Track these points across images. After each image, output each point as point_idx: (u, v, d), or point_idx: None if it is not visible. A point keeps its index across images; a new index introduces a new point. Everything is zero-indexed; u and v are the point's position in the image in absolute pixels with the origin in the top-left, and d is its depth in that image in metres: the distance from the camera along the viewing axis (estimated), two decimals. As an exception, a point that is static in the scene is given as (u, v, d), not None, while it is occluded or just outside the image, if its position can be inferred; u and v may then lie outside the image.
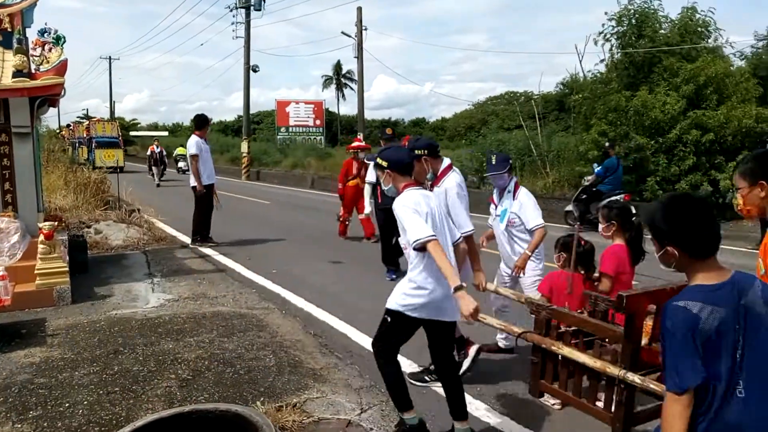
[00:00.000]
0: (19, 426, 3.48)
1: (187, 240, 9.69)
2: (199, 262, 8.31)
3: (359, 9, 21.73)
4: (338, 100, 56.08)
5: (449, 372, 3.36)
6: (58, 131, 39.14)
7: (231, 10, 28.03)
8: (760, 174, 2.35)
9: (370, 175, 7.26)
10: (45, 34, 6.40)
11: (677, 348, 1.78)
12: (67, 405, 3.75)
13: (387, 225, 7.16)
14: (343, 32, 22.22)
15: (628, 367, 2.77)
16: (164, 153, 23.98)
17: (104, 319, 5.58)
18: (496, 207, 4.64)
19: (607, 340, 3.05)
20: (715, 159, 12.08)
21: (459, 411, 3.28)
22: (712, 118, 11.86)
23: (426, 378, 4.17)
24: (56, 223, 6.69)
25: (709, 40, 13.68)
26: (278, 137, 35.59)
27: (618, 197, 10.86)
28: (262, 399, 3.79)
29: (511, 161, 4.70)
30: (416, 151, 3.97)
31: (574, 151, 14.51)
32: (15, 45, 6.32)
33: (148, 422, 2.26)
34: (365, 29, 21.87)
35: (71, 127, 37.51)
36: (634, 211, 4.37)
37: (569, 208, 11.81)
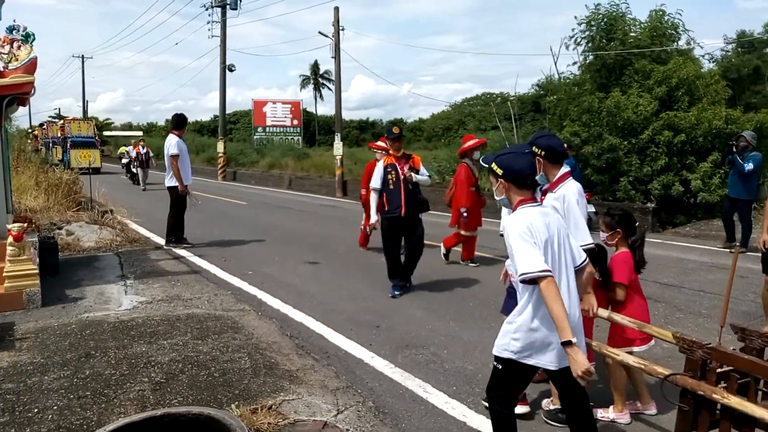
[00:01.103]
0: (-14, 432, 3.40)
1: (161, 241, 9.57)
2: (173, 263, 8.21)
3: (336, 9, 21.64)
4: (316, 100, 55.88)
5: (584, 427, 2.82)
6: (30, 131, 38.11)
7: (206, 9, 27.79)
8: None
9: (375, 181, 6.62)
10: (14, 32, 6.25)
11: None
12: (36, 410, 3.67)
13: (393, 235, 6.60)
14: (320, 32, 22.12)
15: None
16: (150, 154, 22.02)
17: (75, 322, 5.47)
18: None
19: None
20: (687, 159, 12.31)
21: None
22: (684, 119, 12.08)
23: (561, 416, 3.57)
24: (26, 224, 6.55)
25: (680, 42, 13.94)
26: (255, 137, 35.35)
27: None
28: (237, 402, 3.76)
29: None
30: (534, 148, 3.46)
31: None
32: (-18, 42, 6.17)
33: (119, 426, 2.22)
34: (342, 29, 21.79)
35: (44, 127, 36.30)
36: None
37: None
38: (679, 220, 12.23)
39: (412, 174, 6.43)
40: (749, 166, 8.81)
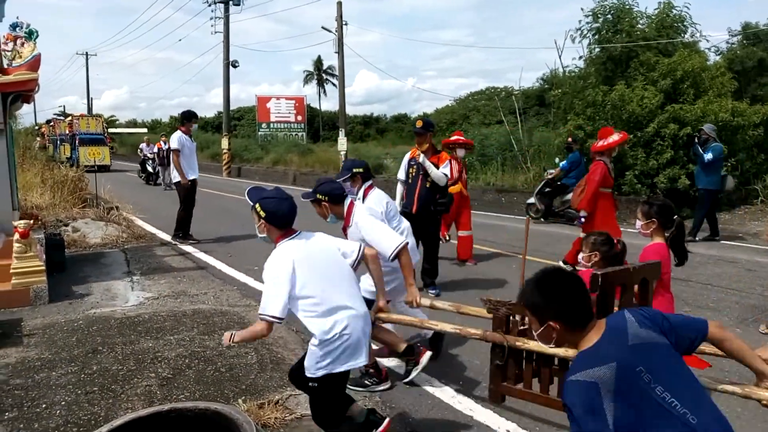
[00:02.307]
0: (-5, 428, 3.42)
1: (167, 237, 9.59)
2: (179, 259, 8.22)
3: (339, 4, 21.61)
4: (320, 95, 55.89)
5: None
6: (37, 128, 37.80)
7: (209, 5, 27.75)
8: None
9: (400, 172, 6.48)
10: (17, 29, 6.27)
11: (582, 420, 1.75)
12: (44, 406, 3.69)
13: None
14: (323, 27, 22.09)
15: None
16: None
17: (82, 318, 5.49)
18: None
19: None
20: (692, 152, 12.24)
21: None
22: (690, 112, 11.99)
23: (366, 382, 4.01)
24: (32, 221, 6.57)
25: (686, 35, 13.85)
26: (259, 133, 35.33)
27: None
28: (243, 397, 3.77)
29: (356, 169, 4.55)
30: (318, 196, 3.85)
31: (553, 146, 14.65)
32: (-14, 40, 6.19)
33: (126, 422, 2.23)
34: (346, 24, 21.76)
35: (52, 124, 35.35)
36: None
37: (531, 200, 12.03)
38: (685, 213, 12.15)
39: (427, 163, 6.13)
40: (708, 156, 9.28)
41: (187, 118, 9.52)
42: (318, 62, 54.78)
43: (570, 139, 11.97)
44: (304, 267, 2.94)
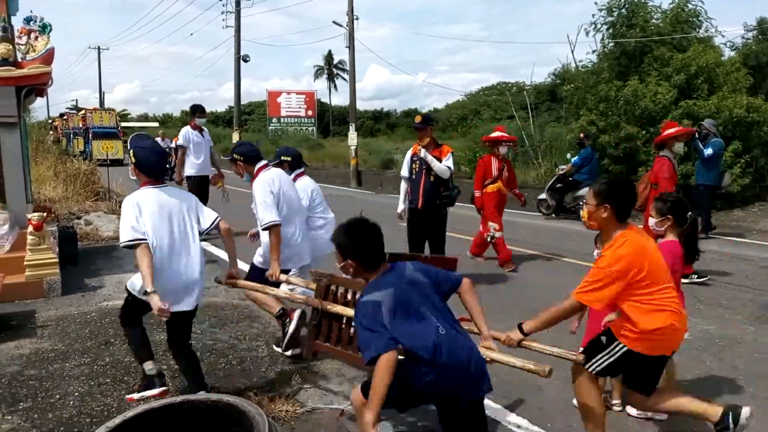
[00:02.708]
0: (10, 417, 3.45)
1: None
2: (190, 253, 8.25)
3: (350, -2, 21.55)
4: (330, 90, 55.89)
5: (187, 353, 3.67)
6: (50, 121, 37.89)
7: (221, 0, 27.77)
8: (606, 197, 2.89)
9: (403, 169, 6.52)
10: (31, 22, 6.31)
11: (365, 329, 2.44)
12: (57, 396, 3.72)
13: (412, 227, 6.44)
14: (334, 22, 22.04)
15: None
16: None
17: (95, 310, 5.54)
18: None
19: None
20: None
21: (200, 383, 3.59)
22: (704, 107, 11.89)
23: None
24: (45, 214, 6.63)
25: (700, 30, 13.70)
26: (270, 128, 35.45)
27: None
28: (255, 389, 3.79)
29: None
30: (234, 155, 4.54)
31: (565, 141, 14.57)
32: (0, 33, 6.22)
33: (139, 413, 2.24)
34: (357, 19, 21.70)
35: (65, 117, 35.29)
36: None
37: (543, 196, 11.96)
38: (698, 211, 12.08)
39: (429, 157, 6.12)
40: (708, 151, 9.19)
41: (192, 111, 9.28)
42: (329, 57, 54.78)
43: (582, 135, 11.90)
44: (148, 213, 3.37)
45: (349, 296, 3.46)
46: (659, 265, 2.90)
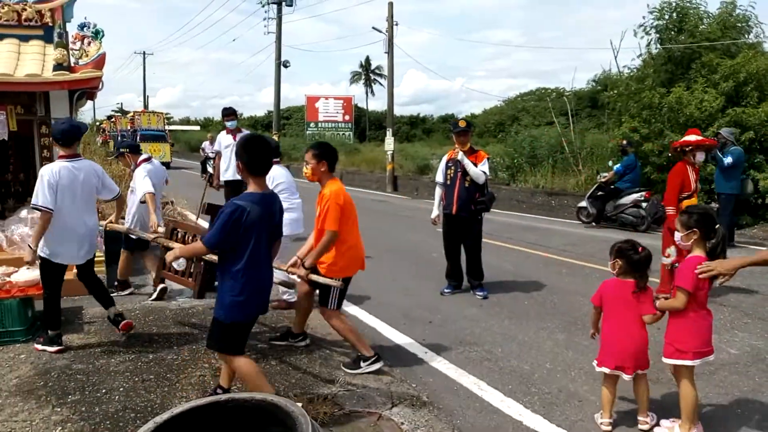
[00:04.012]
0: (59, 410, 3.57)
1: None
2: (230, 254, 8.38)
3: (390, 4, 21.64)
4: (367, 95, 56.14)
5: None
6: (98, 123, 38.81)
7: (263, 6, 28.24)
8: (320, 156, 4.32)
9: (438, 175, 6.52)
10: (84, 29, 6.52)
11: (222, 223, 3.12)
12: (104, 391, 3.83)
13: (447, 234, 6.46)
14: (374, 27, 22.15)
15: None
16: None
17: (139, 308, 5.68)
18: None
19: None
20: (755, 158, 11.71)
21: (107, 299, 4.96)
22: (753, 115, 11.50)
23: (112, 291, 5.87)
24: (93, 213, 6.82)
25: (750, 35, 13.28)
26: (307, 132, 35.77)
27: (639, 194, 10.76)
28: (294, 390, 3.83)
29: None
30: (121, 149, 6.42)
31: (607, 148, 14.29)
32: (56, 39, 6.46)
33: (185, 410, 2.28)
34: (396, 24, 21.79)
35: (113, 120, 35.09)
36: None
37: (583, 204, 11.74)
38: (745, 221, 11.67)
39: (465, 160, 6.11)
40: (728, 160, 8.97)
41: (223, 114, 8.80)
42: (366, 62, 55.06)
43: (624, 142, 11.66)
44: (62, 182, 4.41)
45: (189, 239, 4.49)
46: None
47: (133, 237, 5.78)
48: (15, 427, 3.36)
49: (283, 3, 27.58)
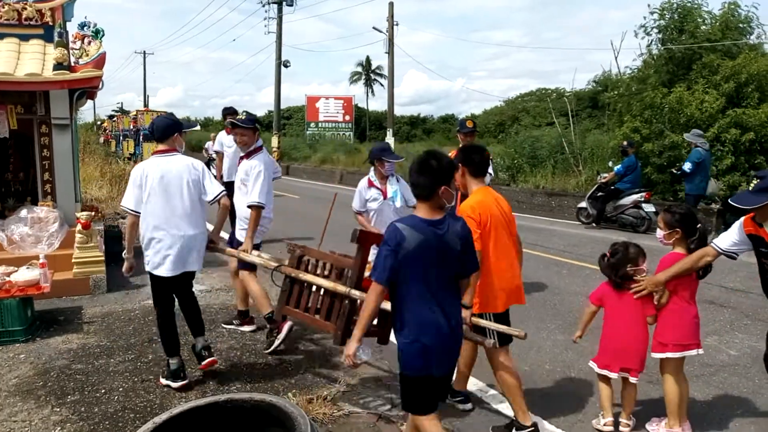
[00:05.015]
0: (58, 409, 3.57)
1: (222, 233, 9.71)
2: (230, 254, 8.39)
3: (391, 4, 21.68)
4: (367, 95, 56.06)
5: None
6: (99, 123, 38.37)
7: (263, 6, 28.29)
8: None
9: None
10: (85, 28, 6.53)
11: (383, 253, 2.54)
12: (103, 391, 3.83)
13: None
14: (374, 27, 22.21)
15: (353, 287, 3.35)
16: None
17: (139, 308, 5.68)
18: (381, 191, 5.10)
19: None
20: (756, 159, 11.72)
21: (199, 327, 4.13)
22: (753, 116, 11.49)
23: (233, 322, 5.10)
24: (93, 213, 6.83)
25: (752, 37, 13.27)
26: (307, 132, 35.75)
27: (639, 195, 10.76)
28: (293, 391, 3.82)
29: None
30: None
31: (607, 149, 14.28)
32: (56, 38, 6.47)
33: (185, 410, 2.28)
34: (397, 24, 21.83)
35: (115, 119, 34.48)
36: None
37: (582, 204, 11.74)
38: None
39: None
40: (687, 166, 9.57)
41: (223, 116, 8.61)
42: (367, 62, 55.01)
43: (625, 143, 11.65)
44: (151, 180, 3.78)
45: (320, 269, 3.73)
46: None
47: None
48: (14, 427, 3.36)
49: (284, 3, 27.64)
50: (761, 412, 3.75)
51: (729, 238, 3.32)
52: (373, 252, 3.38)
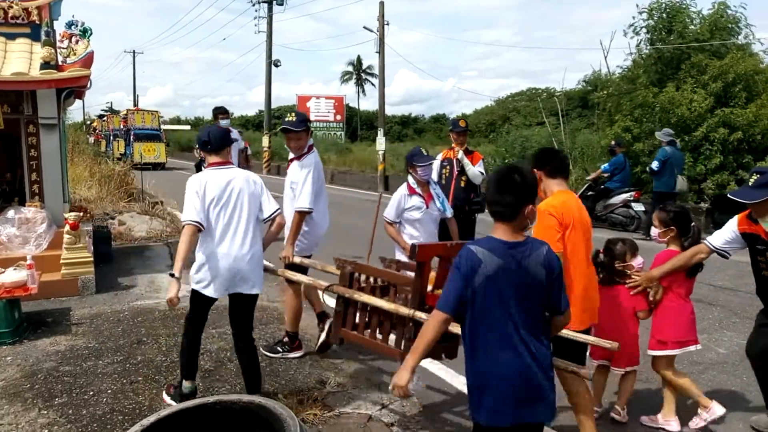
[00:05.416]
0: (45, 412, 3.53)
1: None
2: (220, 254, 8.35)
3: (381, 3, 21.62)
4: (358, 95, 56.04)
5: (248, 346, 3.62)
6: (88, 122, 37.92)
7: (253, 5, 28.16)
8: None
9: (434, 174, 6.52)
10: (72, 27, 6.48)
11: (454, 279, 2.20)
12: (91, 393, 3.79)
13: (445, 232, 6.49)
14: (365, 27, 22.13)
15: (416, 308, 3.01)
16: (249, 151, 13.36)
17: (128, 309, 5.64)
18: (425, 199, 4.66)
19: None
20: (743, 158, 11.83)
21: (255, 385, 3.59)
22: (741, 116, 11.60)
23: (278, 349, 4.52)
24: (81, 213, 6.77)
25: (740, 37, 13.38)
26: (299, 132, 35.59)
27: (628, 194, 10.83)
28: (283, 391, 3.81)
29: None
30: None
31: (597, 148, 14.36)
32: (43, 37, 6.40)
33: (173, 412, 2.26)
34: (387, 24, 21.77)
35: (105, 119, 34.16)
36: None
37: None
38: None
39: (465, 159, 6.10)
40: (654, 165, 9.87)
41: (214, 115, 9.02)
42: (358, 62, 54.98)
43: (613, 142, 11.73)
44: (210, 194, 3.44)
45: (374, 284, 3.49)
46: None
47: (297, 263, 4.37)
48: (0, 431, 3.32)
49: (274, 2, 27.53)
50: (750, 409, 3.78)
51: (722, 236, 3.40)
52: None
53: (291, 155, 4.55)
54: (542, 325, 2.28)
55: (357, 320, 3.45)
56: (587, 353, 3.37)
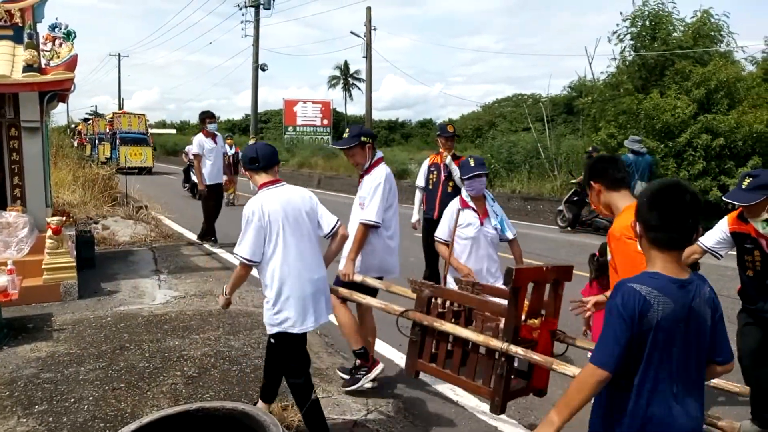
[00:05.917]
0: (25, 420, 3.47)
1: (194, 237, 9.67)
2: (205, 259, 8.31)
3: (368, 9, 21.75)
4: (346, 100, 56.03)
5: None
6: (73, 126, 37.46)
7: (240, 9, 28.14)
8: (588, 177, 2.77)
9: (419, 179, 6.38)
10: (56, 29, 6.40)
11: (614, 326, 1.79)
12: (72, 400, 3.74)
13: (427, 238, 6.18)
14: (352, 32, 22.24)
15: (510, 341, 2.73)
16: (240, 156, 12.00)
17: (111, 314, 5.57)
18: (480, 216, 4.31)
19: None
20: (725, 164, 11.99)
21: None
22: (723, 122, 11.77)
23: (358, 377, 3.99)
24: (64, 218, 6.69)
25: (722, 45, 13.59)
26: (285, 136, 35.56)
27: None
28: (268, 398, 3.77)
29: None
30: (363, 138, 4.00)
31: (582, 154, 14.51)
32: (26, 40, 6.34)
33: (155, 419, 2.24)
34: (374, 29, 21.87)
35: (90, 122, 33.44)
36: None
37: (560, 208, 12.00)
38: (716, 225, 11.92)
39: (453, 165, 6.06)
40: None
41: (201, 119, 9.25)
42: (345, 66, 55.02)
43: (590, 148, 11.96)
44: (275, 219, 3.12)
45: (456, 310, 3.13)
46: None
47: (359, 282, 3.94)
48: (-22, 439, 3.27)
49: (261, 6, 27.50)
50: (736, 415, 3.81)
51: (714, 236, 3.57)
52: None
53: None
54: (702, 380, 1.94)
55: (439, 353, 3.11)
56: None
